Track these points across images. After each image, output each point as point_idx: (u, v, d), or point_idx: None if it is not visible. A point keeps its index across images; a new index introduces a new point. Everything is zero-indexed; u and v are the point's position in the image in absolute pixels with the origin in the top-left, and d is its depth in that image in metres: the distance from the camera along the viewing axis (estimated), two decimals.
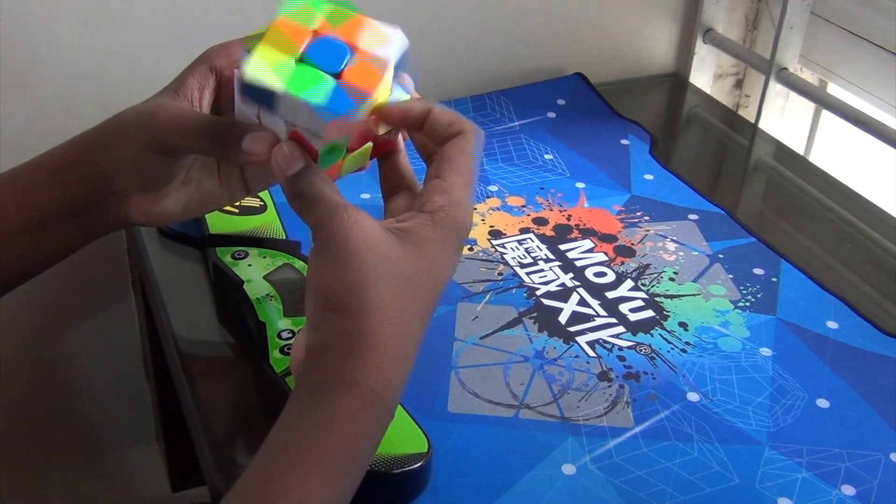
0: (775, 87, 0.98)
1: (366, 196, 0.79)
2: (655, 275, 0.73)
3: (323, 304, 0.44)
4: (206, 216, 0.72)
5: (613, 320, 0.68)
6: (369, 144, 0.50)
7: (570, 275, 0.72)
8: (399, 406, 0.56)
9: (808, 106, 1.04)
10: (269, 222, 0.72)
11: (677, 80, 1.08)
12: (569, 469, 0.56)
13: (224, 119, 0.51)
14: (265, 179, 0.58)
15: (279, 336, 0.61)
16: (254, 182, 0.58)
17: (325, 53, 0.46)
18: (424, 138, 0.49)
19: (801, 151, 1.03)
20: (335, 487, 0.42)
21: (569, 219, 0.79)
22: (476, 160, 0.48)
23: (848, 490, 0.55)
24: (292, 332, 0.61)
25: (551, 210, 0.80)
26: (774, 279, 0.73)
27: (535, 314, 0.68)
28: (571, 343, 0.66)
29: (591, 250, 0.75)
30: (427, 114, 0.48)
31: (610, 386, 0.62)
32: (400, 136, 0.51)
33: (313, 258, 0.45)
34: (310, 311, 0.45)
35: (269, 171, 0.47)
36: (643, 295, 0.71)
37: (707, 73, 1.08)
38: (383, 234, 0.45)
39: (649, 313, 0.69)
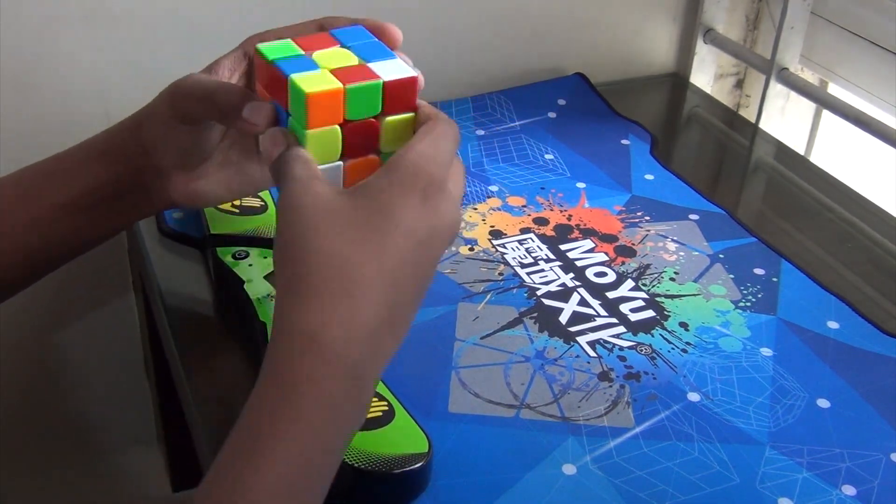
0: (776, 87, 0.98)
1: None
2: (656, 275, 0.73)
3: (276, 263, 0.45)
4: (207, 216, 0.72)
5: (614, 320, 0.68)
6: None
7: (571, 275, 0.72)
8: (399, 406, 0.56)
9: (808, 106, 1.04)
10: (269, 222, 0.72)
11: (678, 80, 1.08)
12: (569, 469, 0.56)
13: (228, 85, 0.53)
14: None
15: None
16: None
17: None
18: None
19: (801, 151, 1.03)
20: (290, 439, 0.41)
21: (569, 219, 0.79)
22: (448, 137, 0.47)
23: (848, 490, 0.55)
24: None
25: (552, 210, 0.80)
26: (775, 279, 0.73)
27: (535, 314, 0.68)
28: (572, 343, 0.66)
29: (591, 250, 0.75)
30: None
31: (610, 386, 0.62)
32: None
33: (276, 231, 0.46)
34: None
35: None
36: (644, 295, 0.71)
37: (707, 73, 1.08)
38: (335, 194, 0.45)
39: (650, 313, 0.69)
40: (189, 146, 0.56)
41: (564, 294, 0.70)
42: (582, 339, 0.66)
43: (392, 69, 0.48)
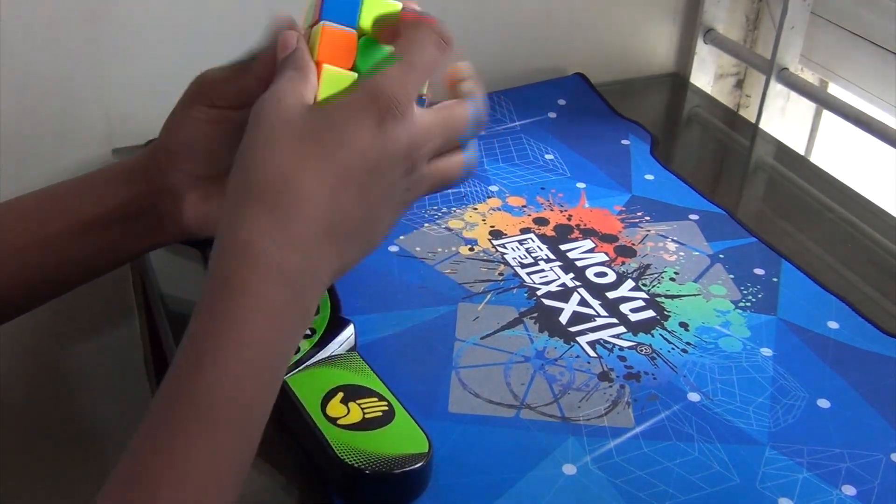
0: (776, 88, 0.98)
1: None
2: (656, 275, 0.73)
3: (232, 168, 0.45)
4: None
5: (614, 320, 0.68)
6: None
7: (571, 275, 0.72)
8: (399, 406, 0.56)
9: (808, 106, 1.04)
10: None
11: (678, 81, 1.08)
12: (569, 469, 0.56)
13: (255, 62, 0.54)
14: None
15: None
16: None
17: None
18: None
19: (801, 151, 1.04)
20: (234, 344, 0.41)
21: (569, 219, 0.79)
22: (425, 49, 0.48)
23: (849, 490, 0.55)
24: None
25: (552, 210, 0.80)
26: (775, 279, 0.73)
27: (535, 314, 0.68)
28: (572, 343, 0.66)
29: (591, 250, 0.75)
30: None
31: (611, 386, 0.62)
32: None
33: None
34: None
35: None
36: (644, 295, 0.71)
37: (708, 74, 1.08)
38: (297, 106, 0.45)
39: (650, 313, 0.69)
40: (201, 141, 0.55)
41: (564, 294, 0.70)
42: (582, 340, 0.66)
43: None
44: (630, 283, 0.72)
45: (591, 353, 0.65)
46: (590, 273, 0.73)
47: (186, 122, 0.55)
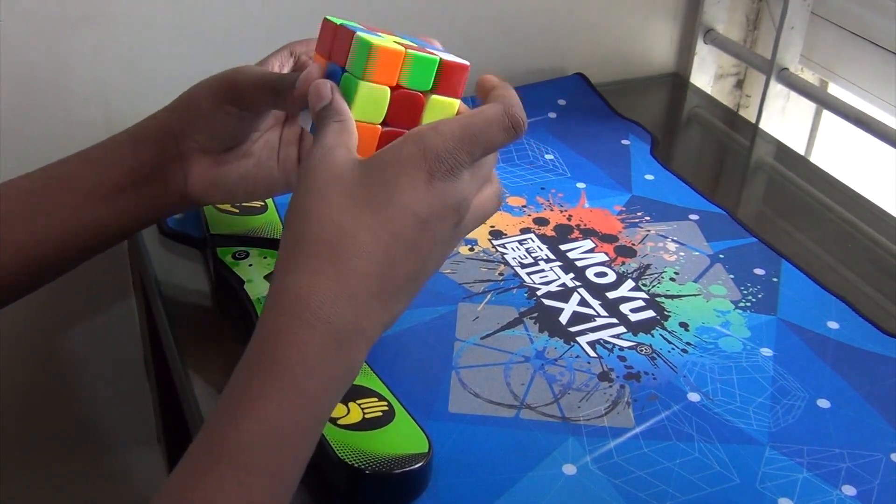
0: (776, 88, 0.98)
1: None
2: (656, 275, 0.73)
3: (284, 223, 0.46)
4: (207, 216, 0.72)
5: (614, 320, 0.68)
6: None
7: (571, 275, 0.72)
8: (399, 406, 0.56)
9: (808, 106, 1.04)
10: (269, 222, 0.72)
11: (678, 81, 1.08)
12: (569, 469, 0.56)
13: (285, 73, 0.56)
14: None
15: None
16: None
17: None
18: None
19: (801, 151, 1.03)
20: (279, 399, 0.41)
21: (569, 219, 0.79)
22: (492, 126, 0.47)
23: (849, 490, 0.55)
24: None
25: (552, 210, 0.80)
26: (775, 279, 0.73)
27: (535, 314, 0.68)
28: (572, 343, 0.66)
29: (591, 250, 0.75)
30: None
31: (611, 386, 0.62)
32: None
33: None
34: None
35: None
36: (644, 295, 0.71)
37: (708, 74, 1.08)
38: (348, 161, 0.46)
39: (650, 313, 0.69)
40: (224, 128, 0.57)
41: (564, 294, 0.70)
42: (582, 340, 0.66)
43: (447, 55, 0.51)
44: (630, 284, 0.72)
45: (591, 354, 0.65)
46: (590, 273, 0.73)
47: (210, 113, 0.56)
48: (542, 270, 0.73)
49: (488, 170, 0.49)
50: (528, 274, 0.72)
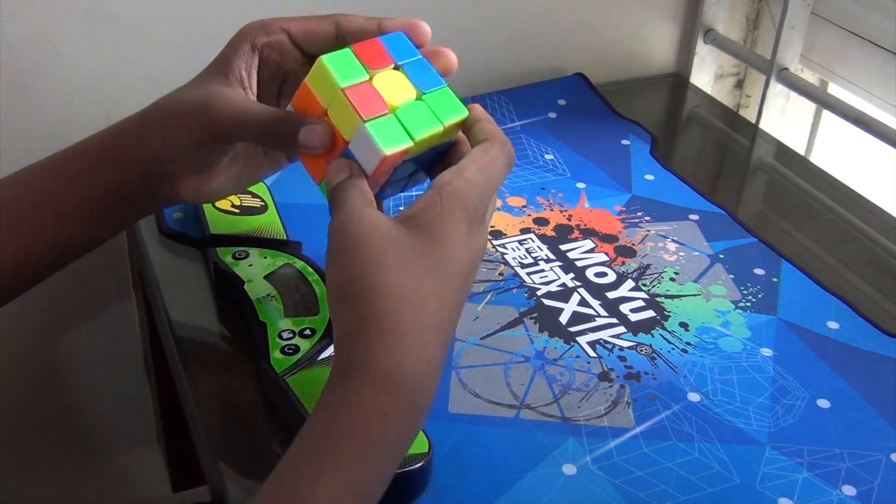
0: (776, 88, 0.98)
1: None
2: (656, 275, 0.73)
3: (335, 297, 0.45)
4: (207, 216, 0.72)
5: (614, 320, 0.68)
6: None
7: (571, 275, 0.72)
8: None
9: (808, 106, 1.04)
10: (269, 222, 0.72)
11: (678, 81, 1.08)
12: (569, 469, 0.56)
13: (280, 113, 0.51)
14: None
15: (280, 336, 0.61)
16: None
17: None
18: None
19: (801, 151, 1.04)
20: (351, 474, 0.41)
21: (569, 219, 0.79)
22: (498, 165, 0.48)
23: (849, 490, 0.55)
24: (293, 332, 0.61)
25: (552, 210, 0.80)
26: (775, 279, 0.73)
27: (535, 314, 0.68)
28: (572, 343, 0.66)
29: (591, 250, 0.75)
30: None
31: (611, 386, 0.62)
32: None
33: (327, 259, 0.46)
34: (330, 310, 0.46)
35: None
36: (644, 295, 0.71)
37: (708, 74, 1.08)
38: (390, 223, 0.45)
39: (650, 313, 0.69)
40: (211, 157, 0.55)
41: (564, 294, 0.70)
42: (582, 340, 0.66)
43: (446, 105, 0.51)
44: (630, 284, 0.72)
45: (591, 353, 0.65)
46: (590, 273, 0.73)
47: (191, 149, 0.53)
48: (542, 270, 0.73)
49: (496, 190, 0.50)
50: (528, 274, 0.72)
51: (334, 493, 0.41)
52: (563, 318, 0.68)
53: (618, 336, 0.66)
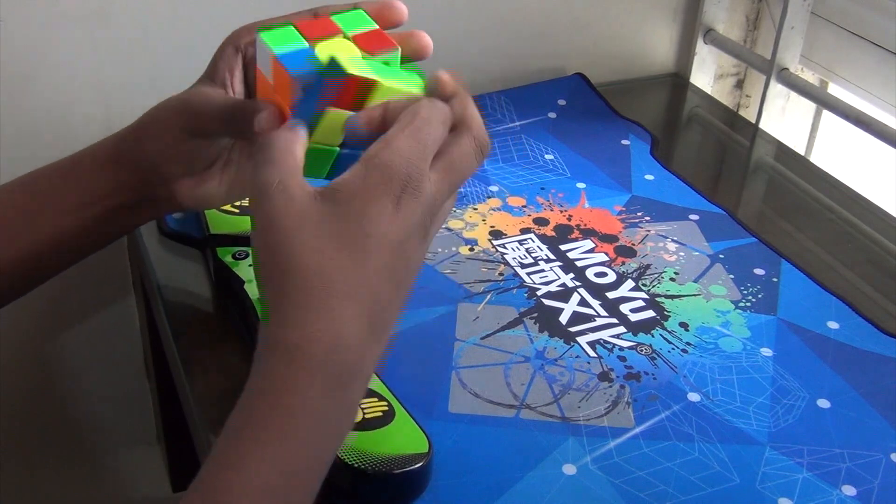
0: (776, 88, 0.98)
1: None
2: (656, 275, 0.73)
3: (259, 279, 0.45)
4: (207, 216, 0.72)
5: (614, 320, 0.68)
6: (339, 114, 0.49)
7: (571, 275, 0.72)
8: (399, 406, 0.56)
9: (808, 106, 1.04)
10: None
11: (678, 81, 1.08)
12: (569, 469, 0.56)
13: (238, 101, 0.54)
14: None
15: None
16: None
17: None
18: None
19: (801, 151, 1.03)
20: (275, 450, 0.41)
21: (569, 219, 0.79)
22: (430, 125, 0.46)
23: (849, 490, 0.55)
24: None
25: (552, 210, 0.80)
26: (775, 279, 0.73)
27: (535, 314, 0.68)
28: (572, 343, 0.66)
29: (591, 250, 0.75)
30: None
31: (611, 386, 0.62)
32: None
33: (252, 235, 0.45)
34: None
35: None
36: (644, 295, 0.71)
37: (708, 74, 1.08)
38: (306, 196, 0.44)
39: (650, 313, 0.69)
40: (196, 155, 0.57)
41: (564, 294, 0.70)
42: (582, 340, 0.66)
43: (395, 67, 0.49)
44: (630, 284, 0.72)
45: (591, 354, 0.65)
46: (590, 273, 0.73)
47: (177, 146, 0.55)
48: (542, 270, 0.73)
49: (462, 179, 0.48)
50: (528, 274, 0.72)
51: (261, 471, 0.40)
52: (563, 318, 0.68)
53: (618, 336, 0.66)
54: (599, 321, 0.68)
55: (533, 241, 0.76)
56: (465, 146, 0.47)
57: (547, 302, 0.69)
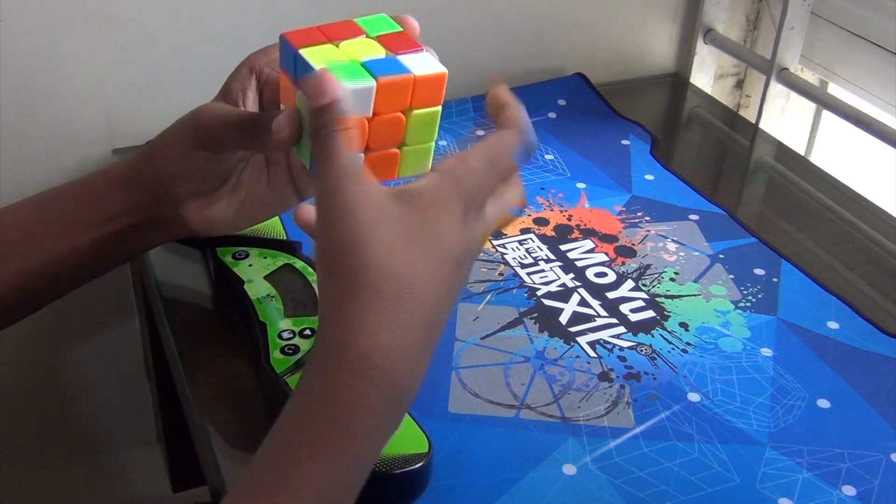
0: (776, 88, 0.98)
1: None
2: (656, 275, 0.73)
3: (321, 270, 0.44)
4: None
5: (614, 321, 0.68)
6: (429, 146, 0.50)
7: (571, 275, 0.72)
8: None
9: (808, 106, 1.04)
10: (269, 222, 0.72)
11: (678, 81, 1.08)
12: (569, 469, 0.56)
13: (254, 112, 0.54)
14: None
15: (280, 336, 0.60)
16: (304, 187, 0.60)
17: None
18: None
19: (801, 151, 1.03)
20: (327, 467, 0.40)
21: (569, 219, 0.79)
22: (503, 150, 0.46)
23: (849, 490, 0.55)
24: (293, 332, 0.61)
25: (552, 210, 0.80)
26: (775, 279, 0.73)
27: (535, 314, 0.68)
28: (572, 343, 0.66)
29: (591, 250, 0.75)
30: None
31: (611, 386, 0.62)
32: None
33: (318, 224, 0.44)
34: (317, 284, 0.45)
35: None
36: (644, 295, 0.71)
37: (708, 74, 1.08)
38: (385, 197, 0.43)
39: (650, 314, 0.69)
40: (205, 171, 0.56)
41: (564, 294, 0.70)
42: (582, 340, 0.66)
43: (421, 63, 0.48)
44: (630, 284, 0.72)
45: (591, 354, 0.65)
46: (590, 273, 0.73)
47: (185, 162, 0.55)
48: (542, 270, 0.73)
49: (510, 197, 0.48)
50: (528, 274, 0.72)
51: (309, 487, 0.39)
52: (563, 319, 0.68)
53: (618, 336, 0.66)
54: (599, 321, 0.68)
55: (533, 241, 0.76)
56: (514, 193, 0.48)
57: (547, 302, 0.69)
